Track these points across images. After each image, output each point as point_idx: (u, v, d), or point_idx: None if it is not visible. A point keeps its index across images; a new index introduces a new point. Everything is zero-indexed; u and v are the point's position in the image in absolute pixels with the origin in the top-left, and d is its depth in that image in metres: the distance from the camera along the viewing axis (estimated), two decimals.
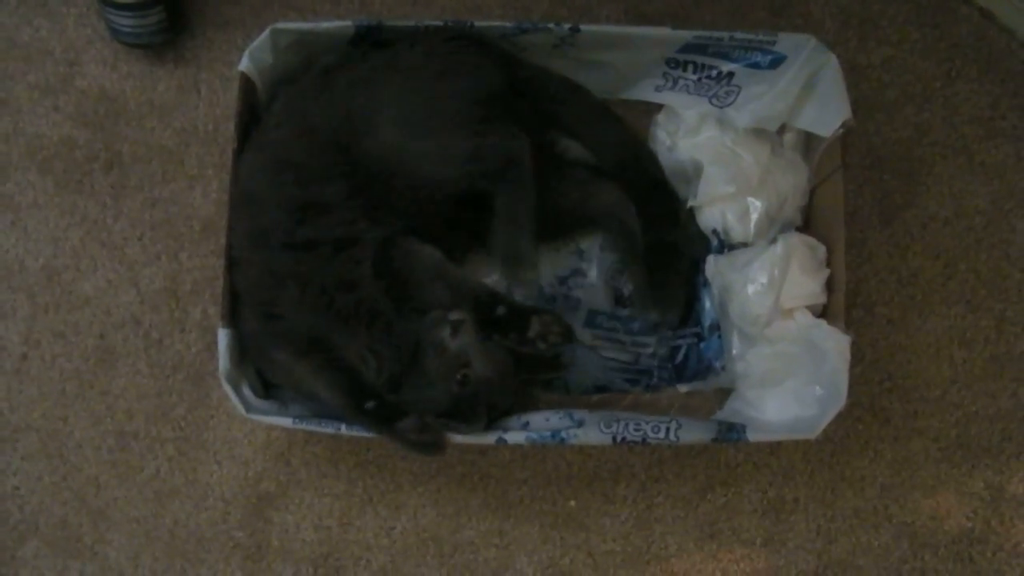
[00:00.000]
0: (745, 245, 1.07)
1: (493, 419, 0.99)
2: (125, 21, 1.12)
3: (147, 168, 1.16)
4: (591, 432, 0.97)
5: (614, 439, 0.96)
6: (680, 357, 1.12)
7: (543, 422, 0.99)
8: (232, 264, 0.99)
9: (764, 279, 1.02)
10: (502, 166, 1.03)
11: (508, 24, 1.02)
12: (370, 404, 0.93)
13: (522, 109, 1.06)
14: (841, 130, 1.00)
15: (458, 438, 0.96)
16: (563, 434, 0.96)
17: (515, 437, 0.97)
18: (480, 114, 1.03)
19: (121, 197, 1.16)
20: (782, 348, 1.03)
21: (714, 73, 1.07)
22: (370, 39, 1.04)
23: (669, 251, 1.09)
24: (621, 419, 0.98)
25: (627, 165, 1.10)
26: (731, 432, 0.97)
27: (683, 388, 1.11)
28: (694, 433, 0.98)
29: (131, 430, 1.12)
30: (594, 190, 1.10)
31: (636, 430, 0.97)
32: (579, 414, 1.00)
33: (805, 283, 1.02)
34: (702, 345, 1.11)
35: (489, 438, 0.97)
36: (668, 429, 0.97)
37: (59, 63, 1.18)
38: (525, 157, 1.02)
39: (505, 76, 1.05)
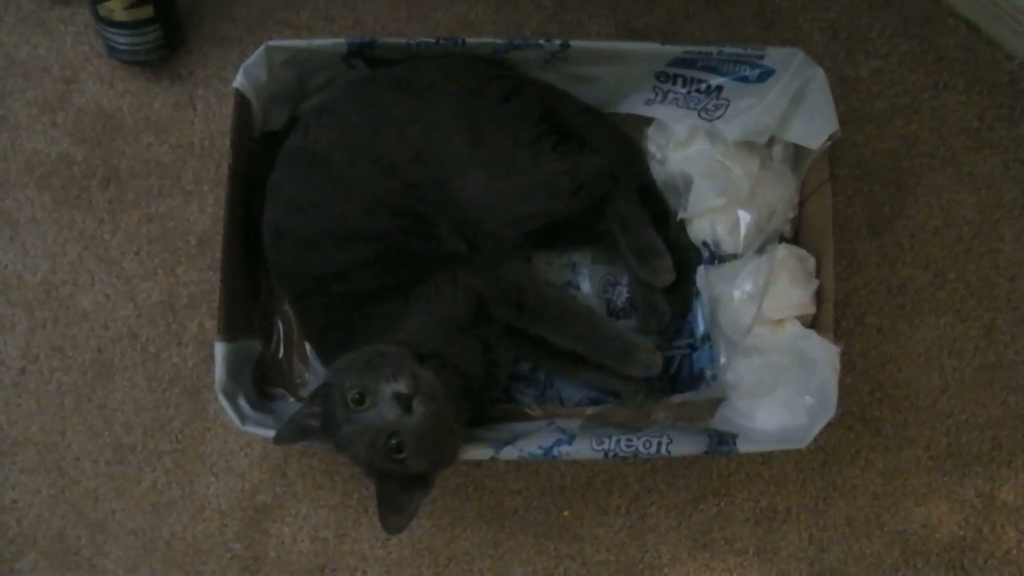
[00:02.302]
0: (735, 256, 1.08)
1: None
2: (122, 39, 1.13)
3: (144, 184, 1.17)
4: (583, 448, 0.97)
5: (606, 454, 0.97)
6: (674, 367, 1.13)
7: (534, 440, 1.00)
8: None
9: (749, 287, 1.03)
10: (605, 182, 1.06)
11: (499, 41, 1.03)
12: None
13: None
14: (829, 143, 1.01)
15: None
16: (555, 451, 0.97)
17: (508, 453, 0.97)
18: (549, 132, 1.05)
19: (118, 212, 1.17)
20: (772, 358, 1.03)
21: (703, 87, 1.08)
22: (363, 56, 1.05)
23: None
24: (613, 434, 0.99)
25: (620, 167, 1.10)
26: (722, 445, 0.98)
27: (676, 399, 1.12)
28: (685, 447, 0.98)
29: (128, 443, 1.13)
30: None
31: (628, 445, 0.97)
32: (570, 426, 1.00)
33: (795, 294, 1.03)
34: (694, 355, 1.12)
35: (482, 454, 0.97)
36: (659, 444, 0.98)
37: (57, 80, 1.19)
38: (607, 161, 1.06)
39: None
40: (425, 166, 0.99)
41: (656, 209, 1.11)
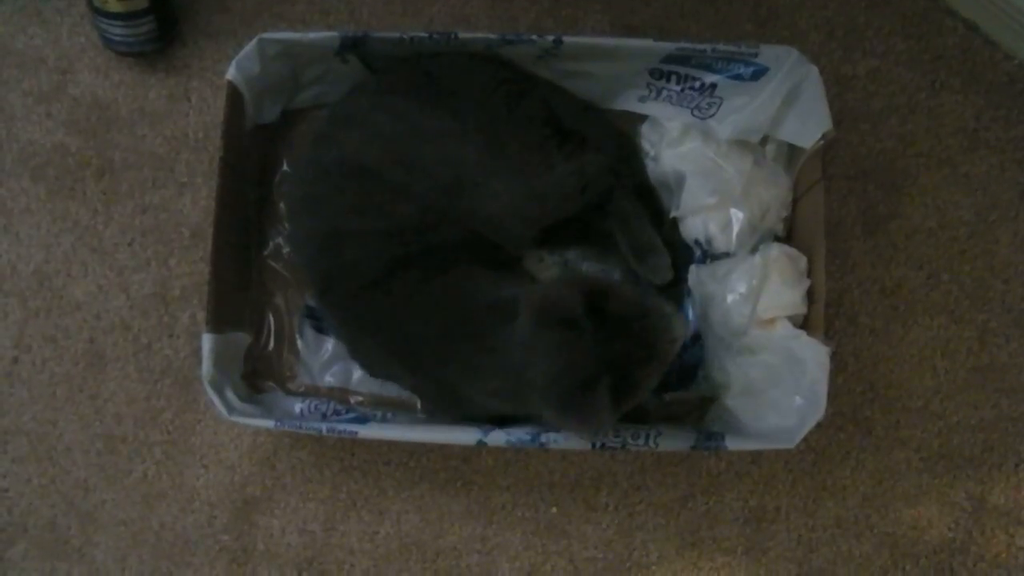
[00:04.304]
0: (727, 255, 1.08)
1: None
2: (117, 30, 1.14)
3: (138, 175, 1.18)
4: (571, 437, 0.97)
5: (594, 444, 0.97)
6: None
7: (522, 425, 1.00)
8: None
9: (743, 289, 1.02)
10: (608, 179, 1.06)
11: (492, 36, 1.03)
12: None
13: None
14: (822, 142, 1.01)
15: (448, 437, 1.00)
16: (543, 437, 0.97)
17: (495, 439, 0.97)
18: (554, 133, 1.06)
19: (112, 203, 1.17)
20: (763, 358, 1.03)
21: (697, 84, 1.07)
22: (356, 50, 1.05)
23: None
24: None
25: (618, 163, 1.10)
26: (710, 440, 0.98)
27: (667, 397, 1.11)
28: (674, 441, 0.98)
29: (119, 434, 1.13)
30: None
31: (616, 436, 0.97)
32: None
33: (786, 294, 1.02)
34: (684, 354, 1.11)
35: (469, 438, 0.98)
36: (648, 436, 0.98)
37: (52, 71, 1.19)
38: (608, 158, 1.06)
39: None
40: (454, 175, 0.99)
41: (651, 206, 1.11)
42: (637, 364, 0.87)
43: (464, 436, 0.98)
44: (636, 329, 0.86)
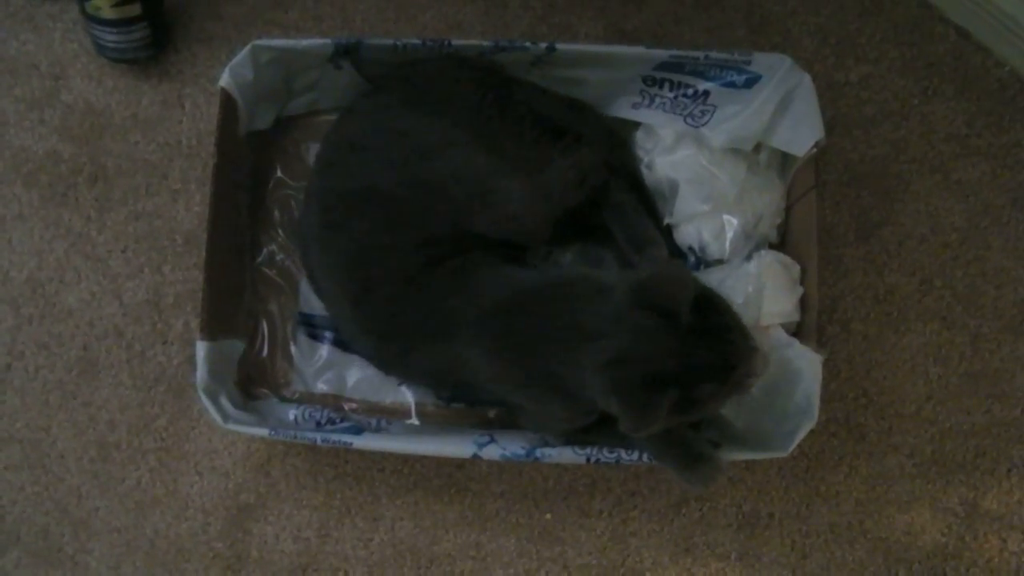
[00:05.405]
0: (721, 262, 1.08)
1: None
2: (110, 37, 1.13)
3: (131, 182, 1.17)
4: (565, 451, 0.97)
5: (588, 459, 0.97)
6: None
7: (517, 440, 1.00)
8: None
9: (740, 299, 1.02)
10: (603, 172, 1.06)
11: (485, 43, 1.03)
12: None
13: None
14: (814, 150, 1.01)
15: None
16: (537, 452, 0.97)
17: (490, 453, 0.98)
18: (545, 130, 1.05)
19: (105, 210, 1.17)
20: None
21: (690, 92, 1.07)
22: (350, 57, 1.05)
23: None
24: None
25: (610, 156, 1.10)
26: None
27: None
28: None
29: (113, 441, 1.13)
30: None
31: (610, 451, 0.97)
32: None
33: (779, 301, 1.03)
34: None
35: (464, 452, 0.98)
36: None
37: (45, 77, 1.19)
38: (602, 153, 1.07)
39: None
40: (466, 191, 0.99)
41: (644, 200, 1.11)
42: (709, 382, 0.82)
43: (459, 449, 0.98)
44: (722, 348, 0.83)
